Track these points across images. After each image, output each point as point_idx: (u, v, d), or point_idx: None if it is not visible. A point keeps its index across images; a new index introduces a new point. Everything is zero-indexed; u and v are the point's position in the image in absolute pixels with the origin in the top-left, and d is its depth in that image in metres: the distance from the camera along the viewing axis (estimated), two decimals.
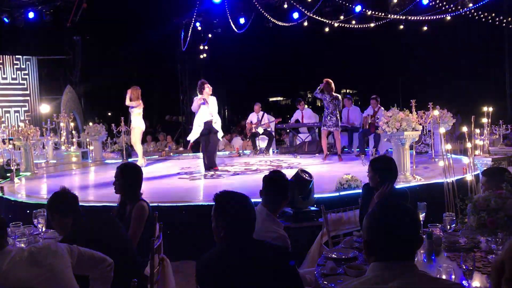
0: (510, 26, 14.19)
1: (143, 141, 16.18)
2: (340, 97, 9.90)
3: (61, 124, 12.77)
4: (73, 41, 17.14)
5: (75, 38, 17.09)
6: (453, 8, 13.54)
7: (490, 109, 8.33)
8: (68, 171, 10.65)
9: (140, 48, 17.63)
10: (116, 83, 17.10)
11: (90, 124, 12.14)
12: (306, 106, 13.20)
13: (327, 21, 15.05)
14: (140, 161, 9.82)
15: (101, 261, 2.68)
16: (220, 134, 8.97)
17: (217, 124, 8.80)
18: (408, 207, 1.83)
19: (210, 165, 8.86)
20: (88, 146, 12.35)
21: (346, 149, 11.69)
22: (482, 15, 13.43)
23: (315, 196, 5.32)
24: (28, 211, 5.58)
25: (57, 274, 2.41)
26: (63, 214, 3.12)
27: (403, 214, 1.77)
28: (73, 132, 12.72)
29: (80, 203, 3.23)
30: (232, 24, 15.38)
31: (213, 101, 8.84)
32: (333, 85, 9.67)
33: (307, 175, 5.13)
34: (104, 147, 13.33)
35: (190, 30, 16.07)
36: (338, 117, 9.73)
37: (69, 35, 17.04)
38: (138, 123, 9.82)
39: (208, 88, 8.78)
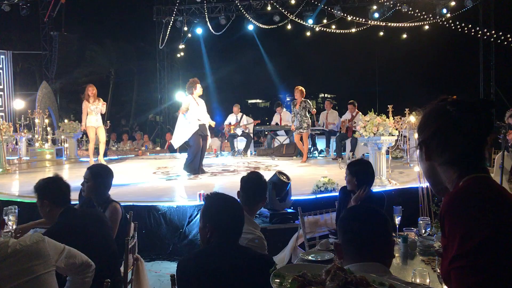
0: (485, 37, 14.54)
1: (119, 139, 16.00)
2: (308, 101, 10.23)
3: (36, 121, 12.51)
4: (50, 36, 16.83)
5: (52, 34, 16.78)
6: (431, 17, 13.81)
7: None
8: (41, 169, 10.43)
9: (118, 45, 17.45)
10: (93, 80, 16.86)
11: (66, 121, 11.94)
12: (284, 109, 13.25)
13: (309, 25, 15.17)
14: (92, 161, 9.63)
15: (87, 267, 2.57)
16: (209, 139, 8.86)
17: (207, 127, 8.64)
18: (378, 210, 1.85)
19: (202, 169, 8.56)
20: (62, 144, 12.12)
21: (323, 152, 11.78)
22: (459, 26, 13.72)
23: (292, 198, 5.33)
24: None
25: (38, 278, 2.29)
26: (55, 202, 3.01)
27: (374, 218, 1.80)
28: (48, 129, 12.48)
29: None
30: (209, 25, 15.36)
31: (203, 103, 8.58)
32: (303, 91, 10.00)
33: (284, 177, 5.13)
34: (79, 145, 13.11)
35: (169, 28, 16.00)
36: (301, 120, 9.96)
37: (46, 30, 16.73)
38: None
39: (200, 89, 8.49)
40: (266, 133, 13.15)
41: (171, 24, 16.21)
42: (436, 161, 1.39)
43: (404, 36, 15.43)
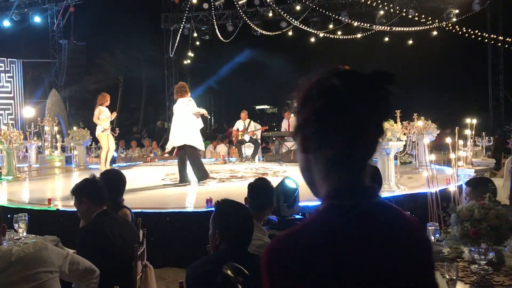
0: (492, 42, 14.48)
1: (128, 146, 16.08)
2: None
3: (45, 128, 12.61)
4: (59, 45, 17.00)
5: (62, 42, 16.95)
6: (437, 22, 13.78)
7: (474, 121, 8.45)
8: (51, 176, 10.51)
9: (126, 53, 17.58)
10: (101, 87, 16.99)
11: (75, 128, 12.02)
12: (292, 115, 13.26)
13: (314, 31, 15.20)
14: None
15: (91, 273, 2.60)
16: None
17: None
18: None
19: (206, 175, 8.25)
20: (72, 151, 12.21)
21: None
22: (466, 31, 13.68)
23: (300, 204, 5.31)
24: (9, 216, 5.48)
25: (42, 285, 2.32)
26: (94, 201, 3.13)
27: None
28: (57, 136, 12.58)
29: (64, 208, 3.21)
30: (218, 32, 15.44)
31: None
32: None
33: (292, 183, 5.12)
34: (88, 152, 13.19)
35: (178, 36, 16.09)
36: None
37: (56, 39, 16.90)
38: None
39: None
40: (274, 139, 13.16)
41: (180, 31, 16.30)
42: (312, 156, 1.07)
43: (410, 42, 15.39)
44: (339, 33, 15.17)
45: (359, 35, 14.92)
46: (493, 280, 2.48)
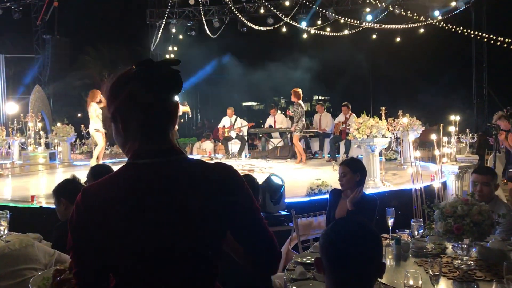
0: (478, 38, 14.64)
1: (113, 143, 15.94)
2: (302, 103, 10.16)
3: (29, 124, 12.43)
4: (43, 40, 16.76)
5: (45, 37, 16.71)
6: (423, 20, 13.88)
7: (458, 118, 8.53)
8: (35, 173, 10.37)
9: (111, 48, 17.40)
10: (86, 83, 16.81)
11: (59, 124, 11.86)
12: (278, 111, 13.26)
13: (303, 28, 15.21)
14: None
15: None
16: None
17: None
18: (370, 230, 1.57)
19: None
20: (56, 147, 12.06)
21: (317, 155, 11.80)
22: (451, 28, 13.80)
23: (286, 200, 5.33)
24: None
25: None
26: (72, 201, 3.11)
27: (362, 238, 1.54)
28: (41, 132, 12.40)
29: (48, 206, 3.17)
30: (206, 28, 15.37)
31: None
32: (300, 93, 9.94)
33: (278, 179, 5.13)
34: (73, 149, 13.05)
35: (161, 31, 16.00)
36: (299, 123, 9.95)
37: (39, 34, 16.66)
38: None
39: None
40: (261, 135, 13.15)
41: (163, 26, 16.21)
42: (120, 126, 1.38)
43: (398, 39, 15.50)
44: (328, 29, 15.21)
45: (346, 32, 14.97)
46: (475, 275, 2.51)
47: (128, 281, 1.31)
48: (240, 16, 15.34)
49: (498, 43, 13.56)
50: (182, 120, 8.58)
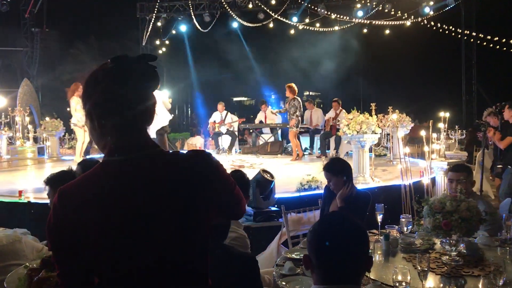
0: (466, 37, 14.76)
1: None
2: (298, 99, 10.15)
3: (17, 118, 12.30)
4: (31, 33, 16.57)
5: (34, 30, 16.51)
6: (413, 17, 13.94)
7: (447, 114, 8.59)
8: (23, 167, 10.27)
9: (101, 42, 17.22)
10: (75, 77, 16.61)
11: (47, 119, 11.75)
12: (269, 107, 13.25)
13: (292, 23, 15.20)
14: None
15: None
16: None
17: None
18: (356, 224, 1.60)
19: None
20: (44, 142, 11.95)
21: (308, 150, 11.83)
22: (441, 27, 13.88)
23: (276, 196, 5.33)
24: None
25: None
26: None
27: (348, 233, 1.56)
28: (29, 127, 12.27)
29: (36, 201, 3.12)
30: (196, 22, 15.30)
31: None
32: (295, 88, 9.94)
33: (268, 175, 5.13)
34: (62, 143, 12.94)
35: (151, 24, 15.91)
36: (294, 118, 9.95)
37: (27, 27, 16.46)
38: None
39: None
40: (251, 131, 13.14)
41: (153, 20, 16.11)
42: (97, 124, 1.35)
43: (387, 31, 15.51)
44: (317, 25, 15.21)
45: (336, 28, 14.99)
46: (462, 271, 2.53)
47: (110, 280, 1.29)
48: (230, 11, 15.28)
49: (485, 42, 13.67)
50: (172, 115, 8.56)
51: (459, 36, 14.52)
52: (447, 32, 13.95)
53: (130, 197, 1.27)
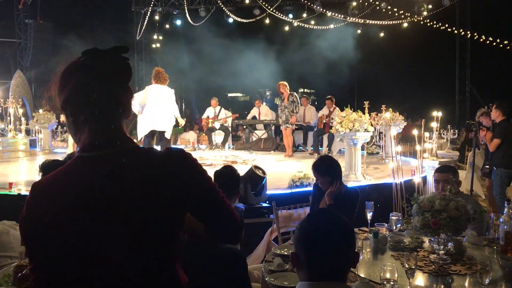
0: (461, 33, 14.79)
1: None
2: (295, 94, 10.18)
3: (9, 110, 12.22)
4: (25, 24, 16.44)
5: (27, 21, 16.39)
6: (408, 16, 13.96)
7: (440, 114, 8.63)
8: (14, 159, 10.22)
9: (95, 34, 17.11)
10: None
11: (40, 111, 11.68)
12: (264, 103, 13.25)
13: (288, 19, 15.17)
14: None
15: None
16: None
17: None
18: (343, 222, 1.60)
19: None
20: (37, 134, 11.89)
21: (301, 148, 11.84)
22: (435, 25, 13.91)
23: (268, 192, 5.34)
24: None
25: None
26: None
27: (335, 230, 1.56)
28: (22, 119, 12.20)
29: (27, 193, 3.08)
30: (188, 16, 15.24)
31: None
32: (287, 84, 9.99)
33: (260, 171, 5.14)
34: (54, 136, 12.88)
35: (147, 19, 15.83)
36: (287, 115, 9.96)
37: (21, 18, 16.33)
38: None
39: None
40: (245, 127, 13.13)
41: (148, 14, 16.03)
42: (71, 120, 1.35)
43: (382, 34, 15.59)
44: (312, 22, 15.20)
45: (332, 26, 14.98)
46: (450, 269, 2.55)
47: (78, 274, 1.26)
48: (224, 7, 15.23)
49: (481, 39, 13.71)
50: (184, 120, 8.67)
51: (455, 32, 14.56)
52: (442, 28, 13.97)
53: (98, 194, 1.25)
